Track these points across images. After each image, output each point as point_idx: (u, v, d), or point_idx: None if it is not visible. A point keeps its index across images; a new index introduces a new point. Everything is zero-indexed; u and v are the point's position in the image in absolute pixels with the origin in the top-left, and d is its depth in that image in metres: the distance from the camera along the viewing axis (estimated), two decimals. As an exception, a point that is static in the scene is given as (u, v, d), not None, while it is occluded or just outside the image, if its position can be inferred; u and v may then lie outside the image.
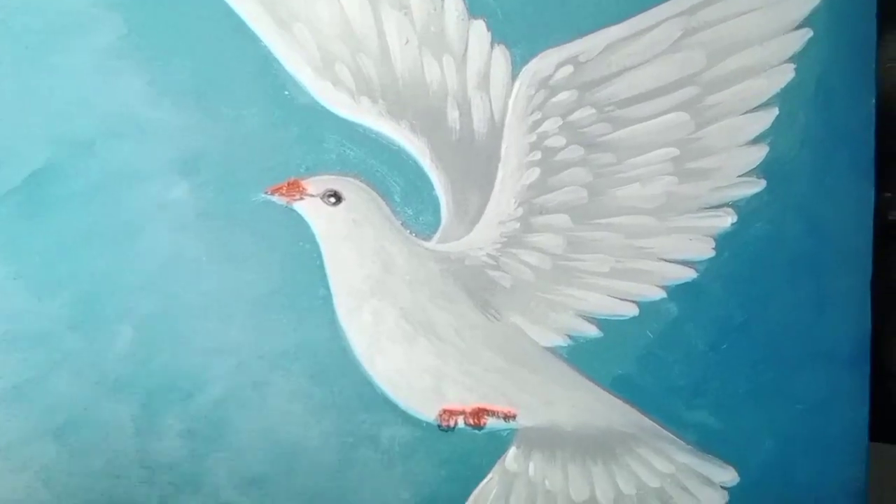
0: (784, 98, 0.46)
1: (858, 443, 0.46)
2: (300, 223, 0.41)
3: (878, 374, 0.48)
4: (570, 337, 0.44)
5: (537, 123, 0.43)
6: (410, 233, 0.43)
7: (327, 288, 0.42)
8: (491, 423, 0.43)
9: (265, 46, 0.41)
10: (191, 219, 0.40)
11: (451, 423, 0.42)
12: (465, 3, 0.42)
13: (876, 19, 0.47)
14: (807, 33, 0.45)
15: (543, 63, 0.43)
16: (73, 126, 0.39)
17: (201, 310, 0.40)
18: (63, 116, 0.39)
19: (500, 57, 0.43)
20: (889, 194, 0.53)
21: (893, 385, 0.55)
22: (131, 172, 0.40)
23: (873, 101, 0.48)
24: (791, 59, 0.45)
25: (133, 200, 0.40)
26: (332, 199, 0.41)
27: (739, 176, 0.46)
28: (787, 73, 0.46)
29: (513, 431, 0.44)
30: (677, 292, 0.45)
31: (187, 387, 0.40)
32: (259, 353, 0.41)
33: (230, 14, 0.40)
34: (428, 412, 0.43)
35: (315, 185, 0.41)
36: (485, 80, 0.43)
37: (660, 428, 0.44)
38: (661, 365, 0.45)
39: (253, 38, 0.40)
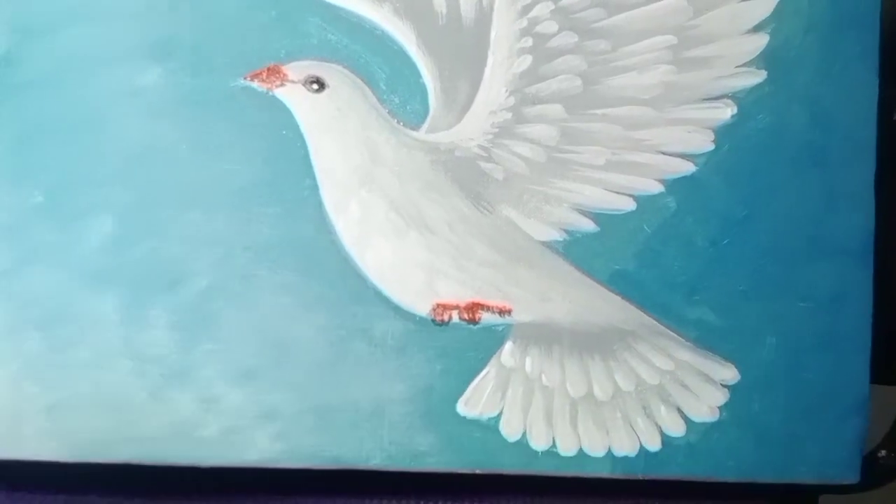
0: (785, -18, 0.43)
1: (862, 339, 0.44)
2: (282, 111, 0.39)
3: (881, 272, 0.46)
4: (566, 231, 0.42)
5: (528, 8, 0.41)
6: (398, 122, 0.40)
7: (313, 178, 0.39)
8: (486, 318, 0.41)
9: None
10: (165, 106, 0.38)
11: (446, 318, 0.41)
12: None
13: None
14: (810, -82, 0.43)
15: (535, -56, 0.41)
16: (30, 12, 0.36)
17: (183, 200, 0.38)
18: (19, 2, 0.36)
19: (490, -62, 0.40)
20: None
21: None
22: (97, 58, 0.37)
23: (878, -13, 0.45)
24: (794, -59, 0.43)
25: (102, 87, 0.37)
26: (315, 86, 0.39)
27: (738, 66, 0.43)
28: (790, -43, 0.43)
29: (508, 327, 0.42)
30: (676, 186, 0.43)
31: (172, 278, 0.39)
32: (245, 245, 0.39)
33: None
34: (421, 307, 0.41)
35: (296, 70, 0.39)
36: (473, -38, 0.40)
37: (659, 324, 0.43)
38: (659, 260, 0.43)
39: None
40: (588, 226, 0.42)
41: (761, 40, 0.44)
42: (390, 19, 0.40)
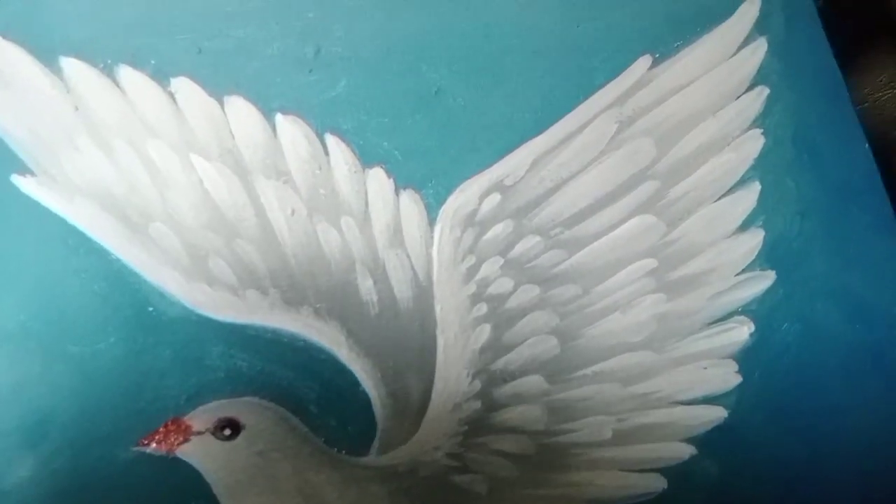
0: (763, 169, 0.35)
1: None
2: (190, 475, 0.29)
3: None
4: (587, 541, 0.30)
5: (473, 269, 0.32)
6: (339, 451, 0.30)
7: (238, 557, 0.28)
8: None
9: (118, 259, 0.30)
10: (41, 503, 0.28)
11: None
12: (354, 152, 0.33)
13: (833, 56, 0.38)
14: (762, 91, 0.36)
15: (464, 197, 0.33)
16: None
17: None
18: None
19: (410, 203, 0.33)
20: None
21: None
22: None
23: (865, 143, 0.37)
24: (755, 124, 0.36)
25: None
26: (228, 431, 0.29)
27: (738, 273, 0.34)
28: (757, 140, 0.36)
29: None
30: (710, 443, 0.31)
31: None
32: None
33: (67, 230, 0.30)
34: None
35: (202, 418, 0.29)
36: (397, 235, 0.32)
37: None
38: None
39: (101, 254, 0.30)
40: (613, 526, 0.30)
41: (756, 238, 0.34)
42: (311, 324, 0.31)
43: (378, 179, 0.32)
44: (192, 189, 0.31)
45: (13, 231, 0.30)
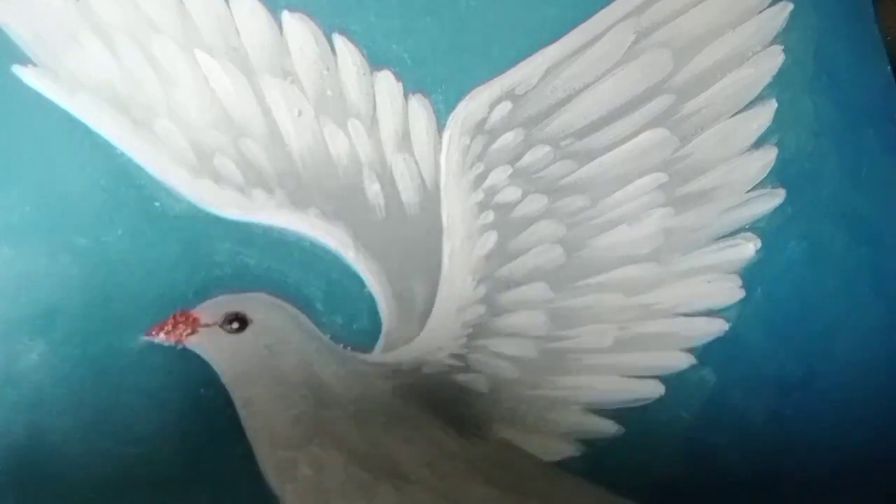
0: (781, 86, 0.34)
1: None
2: (198, 365, 0.29)
3: None
4: (584, 442, 0.31)
5: (481, 177, 0.32)
6: (345, 347, 0.30)
7: (245, 443, 0.29)
8: (499, 585, 0.29)
9: (123, 154, 0.30)
10: (51, 388, 0.28)
11: None
12: (362, 54, 0.32)
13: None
14: (785, 7, 0.35)
15: (474, 104, 0.32)
16: None
17: (85, 501, 0.28)
18: None
19: (419, 108, 0.32)
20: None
21: None
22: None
23: (887, 67, 0.36)
24: (776, 40, 0.34)
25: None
26: (236, 325, 0.29)
27: (749, 190, 0.34)
28: (777, 57, 0.34)
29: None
30: (710, 354, 0.31)
31: None
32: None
33: (73, 124, 0.30)
34: (409, 586, 0.29)
35: (210, 311, 0.29)
36: (405, 140, 0.32)
37: (732, 544, 0.30)
38: (710, 455, 0.31)
39: (106, 148, 0.30)
40: (609, 429, 0.31)
41: (768, 155, 0.34)
42: (318, 225, 0.31)
43: (387, 83, 0.31)
44: (197, 87, 0.30)
45: (16, 124, 0.29)
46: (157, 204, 0.29)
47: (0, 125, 0.29)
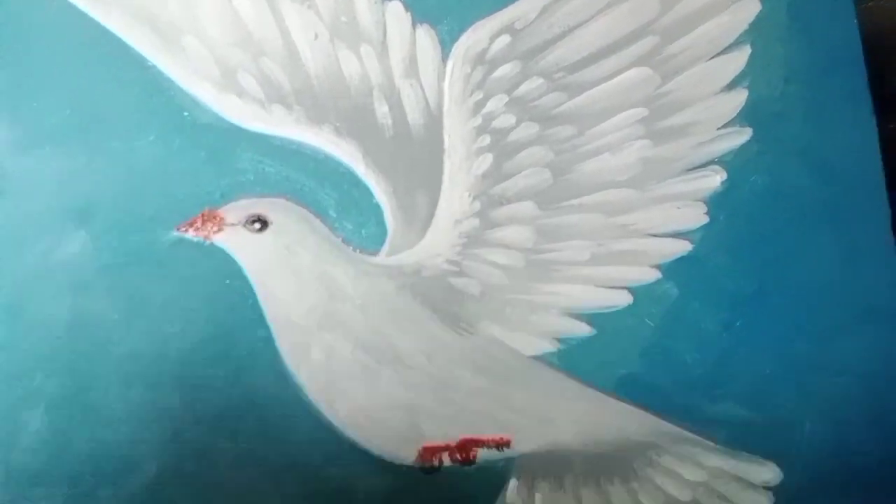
0: (755, 33, 0.36)
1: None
2: (223, 259, 0.33)
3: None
4: (560, 340, 0.35)
5: (480, 104, 0.35)
6: (354, 249, 0.34)
7: (266, 328, 0.33)
8: (482, 455, 0.34)
9: (153, 67, 0.32)
10: (91, 274, 0.32)
11: (436, 462, 0.33)
12: (375, -16, 0.34)
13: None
14: (765, -40, 0.37)
15: (476, 36, 0.35)
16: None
17: (120, 376, 0.32)
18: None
19: (426, 38, 0.34)
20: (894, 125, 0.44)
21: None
22: (14, 232, 0.32)
23: (854, 20, 0.39)
24: (754, -11, 0.37)
25: (21, 263, 0.32)
26: (257, 225, 0.33)
27: (720, 128, 0.37)
28: (753, 6, 0.37)
29: (510, 461, 0.34)
30: (674, 270, 0.35)
31: (116, 468, 0.32)
32: (195, 418, 0.32)
33: (107, 36, 0.32)
34: (406, 454, 0.33)
35: (234, 212, 0.32)
36: (412, 66, 0.34)
37: (681, 430, 0.35)
38: (670, 356, 0.35)
39: (138, 60, 0.32)
40: (583, 330, 0.35)
41: (740, 97, 0.37)
42: (332, 140, 0.34)
43: (396, 13, 0.34)
44: (219, 6, 0.32)
45: (57, 36, 0.32)
46: (185, 113, 0.32)
47: (42, 37, 0.31)
